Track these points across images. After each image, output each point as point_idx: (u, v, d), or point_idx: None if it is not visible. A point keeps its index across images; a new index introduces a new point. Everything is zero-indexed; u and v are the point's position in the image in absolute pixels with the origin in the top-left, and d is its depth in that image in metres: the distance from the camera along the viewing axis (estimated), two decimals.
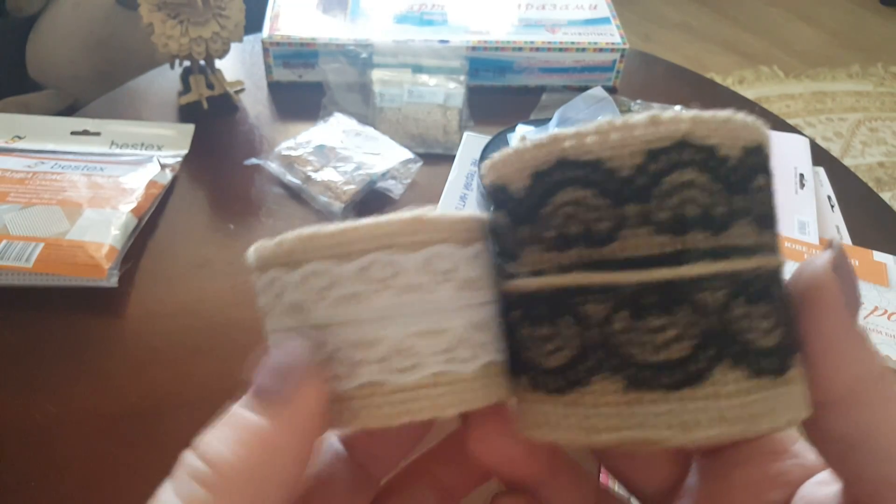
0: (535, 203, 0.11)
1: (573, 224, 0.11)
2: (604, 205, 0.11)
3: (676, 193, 0.10)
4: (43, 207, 0.37)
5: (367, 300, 0.11)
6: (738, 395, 0.11)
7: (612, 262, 0.11)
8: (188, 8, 0.42)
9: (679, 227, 0.10)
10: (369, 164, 0.42)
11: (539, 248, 0.11)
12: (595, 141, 0.11)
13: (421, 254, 0.11)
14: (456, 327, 0.12)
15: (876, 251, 0.38)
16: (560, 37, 0.50)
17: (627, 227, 0.11)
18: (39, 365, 0.32)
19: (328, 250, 0.11)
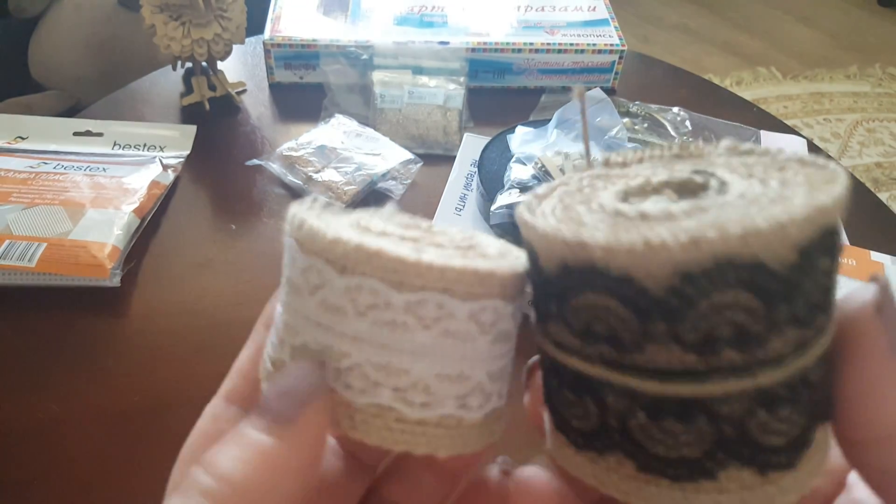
0: (564, 291, 0.11)
1: (600, 325, 0.11)
2: (631, 318, 0.10)
3: (712, 317, 0.10)
4: (46, 207, 0.37)
5: (409, 333, 0.11)
6: (742, 491, 0.11)
7: (635, 368, 0.10)
8: (190, 10, 0.42)
9: (708, 349, 0.10)
10: (370, 164, 0.42)
11: (567, 330, 0.11)
12: (627, 259, 0.10)
13: (473, 304, 0.11)
14: (477, 376, 0.12)
15: (873, 251, 0.38)
16: (559, 38, 0.51)
17: (653, 342, 0.10)
18: (42, 364, 0.32)
19: (386, 273, 0.11)
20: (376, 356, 0.11)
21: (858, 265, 0.37)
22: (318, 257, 0.12)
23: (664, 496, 0.11)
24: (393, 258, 0.11)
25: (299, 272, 0.12)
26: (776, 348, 0.10)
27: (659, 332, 0.10)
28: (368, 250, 0.11)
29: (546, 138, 0.40)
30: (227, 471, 0.11)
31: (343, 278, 0.11)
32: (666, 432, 0.11)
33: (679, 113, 0.49)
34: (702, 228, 0.09)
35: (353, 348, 0.11)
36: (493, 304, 0.12)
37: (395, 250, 0.11)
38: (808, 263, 0.10)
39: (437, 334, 0.11)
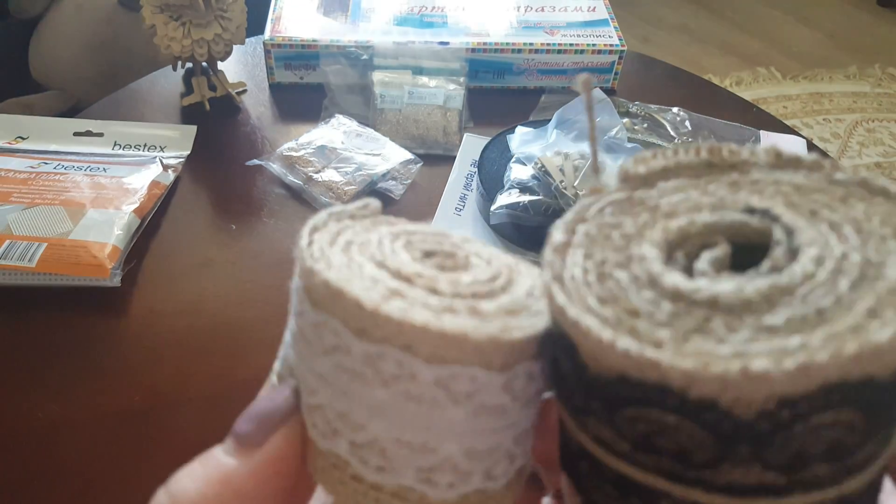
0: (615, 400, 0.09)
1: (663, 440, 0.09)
2: (708, 440, 0.09)
3: (807, 437, 0.08)
4: (46, 208, 0.37)
5: (367, 386, 0.10)
6: None
7: (703, 483, 0.09)
8: (190, 10, 0.42)
9: (798, 466, 0.09)
10: (370, 164, 0.42)
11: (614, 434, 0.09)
12: (716, 389, 0.08)
13: (440, 369, 0.10)
14: (449, 451, 0.10)
15: None
16: (559, 39, 0.51)
17: (730, 462, 0.09)
18: (43, 364, 0.32)
19: (346, 314, 0.10)
20: (337, 402, 0.11)
21: None
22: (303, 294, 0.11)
23: None
24: (351, 300, 0.10)
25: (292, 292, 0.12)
26: (867, 453, 0.09)
27: (741, 454, 0.09)
28: (332, 288, 0.10)
29: (546, 138, 0.40)
30: (185, 490, 0.11)
31: (315, 312, 0.11)
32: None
33: (679, 113, 0.49)
34: (811, 351, 0.08)
35: (320, 386, 0.11)
36: (469, 371, 0.10)
37: (357, 291, 0.10)
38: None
39: (396, 394, 0.10)
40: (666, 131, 0.48)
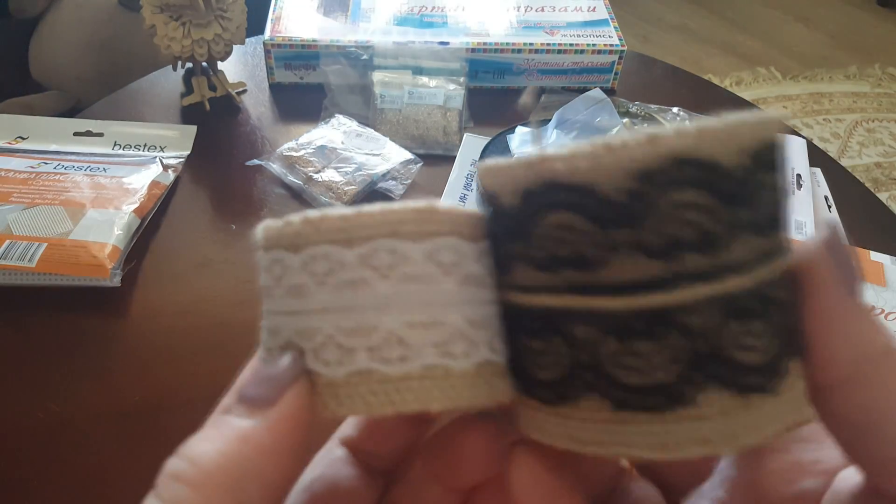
0: (526, 221, 0.11)
1: (563, 248, 0.11)
2: (594, 230, 0.10)
3: (672, 217, 0.10)
4: (46, 208, 0.37)
5: (368, 287, 0.11)
6: (723, 417, 0.10)
7: (602, 286, 0.10)
8: (190, 10, 0.42)
9: (673, 253, 0.10)
10: (370, 164, 0.42)
11: (530, 267, 0.11)
12: (587, 165, 0.10)
13: (427, 244, 0.11)
14: (454, 321, 0.11)
15: (873, 251, 0.38)
16: (559, 39, 0.51)
17: (618, 253, 0.10)
18: (43, 364, 0.32)
19: (333, 234, 0.11)
20: (344, 321, 0.11)
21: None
22: (275, 249, 0.12)
23: (643, 433, 0.10)
24: (335, 217, 0.11)
25: (266, 272, 0.12)
26: (740, 253, 0.10)
27: (622, 240, 0.10)
28: (312, 219, 0.11)
29: (546, 138, 0.40)
30: (203, 451, 0.10)
31: (298, 255, 0.11)
32: (638, 355, 0.10)
33: (679, 113, 0.49)
34: (658, 129, 0.10)
35: (321, 321, 0.11)
36: (449, 241, 0.11)
37: (338, 212, 0.11)
38: (761, 171, 0.10)
39: (396, 282, 0.11)
40: None
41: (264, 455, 0.11)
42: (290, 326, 0.12)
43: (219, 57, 0.45)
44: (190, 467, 0.10)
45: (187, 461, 0.10)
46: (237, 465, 0.10)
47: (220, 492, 0.10)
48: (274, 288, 0.12)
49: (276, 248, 0.12)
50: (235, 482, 0.10)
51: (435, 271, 0.11)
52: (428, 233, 0.11)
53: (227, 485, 0.10)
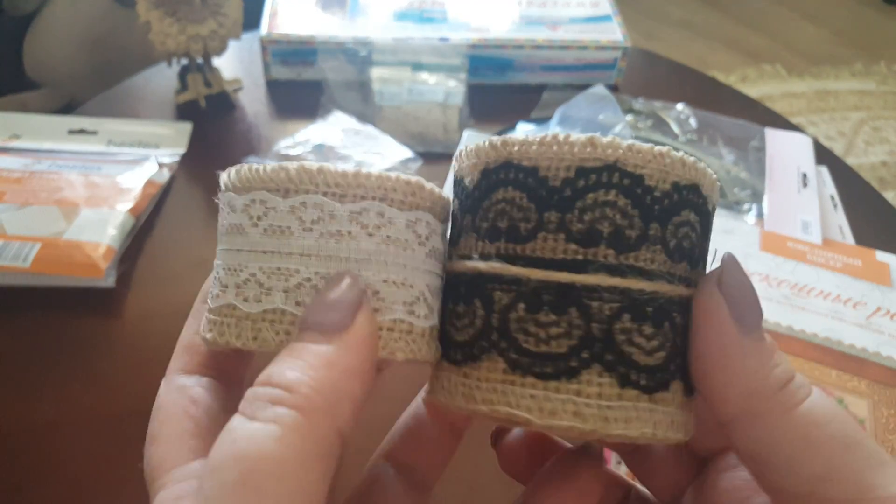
0: (480, 196, 0.13)
1: (502, 219, 0.12)
2: (531, 207, 0.12)
3: (595, 210, 0.12)
4: (40, 207, 0.37)
5: (354, 241, 0.12)
6: (599, 398, 0.12)
7: (525, 258, 0.12)
8: (186, 5, 0.42)
9: (589, 240, 0.12)
10: (369, 162, 0.42)
11: (473, 237, 0.13)
12: (537, 151, 0.12)
13: (410, 214, 0.13)
14: (420, 286, 0.13)
15: (879, 251, 0.37)
16: (561, 34, 0.50)
17: (545, 231, 0.12)
18: (37, 365, 0.32)
19: (328, 187, 0.12)
20: (325, 267, 0.12)
21: (864, 265, 0.36)
22: (259, 190, 0.12)
23: (526, 396, 0.12)
24: (336, 173, 0.12)
25: (239, 212, 0.13)
26: (646, 260, 0.12)
27: (551, 220, 0.12)
28: (311, 169, 0.12)
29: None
30: (297, 378, 0.11)
31: (287, 200, 0.12)
32: (540, 324, 0.12)
33: (683, 110, 0.48)
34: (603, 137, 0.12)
35: (301, 264, 0.12)
36: (426, 216, 0.13)
37: (336, 167, 0.12)
38: (680, 200, 0.12)
39: (379, 241, 0.12)
40: (670, 129, 0.47)
41: (351, 377, 0.11)
42: (259, 266, 0.12)
43: (214, 53, 0.45)
44: (288, 394, 0.11)
45: (283, 388, 0.11)
46: (331, 389, 0.11)
47: (321, 415, 0.11)
48: (247, 226, 0.13)
49: (259, 189, 0.13)
50: (331, 406, 0.11)
51: (412, 239, 0.13)
52: (412, 204, 0.13)
53: (325, 408, 0.11)
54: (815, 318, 0.33)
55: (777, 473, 0.11)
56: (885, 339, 0.32)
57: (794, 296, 0.34)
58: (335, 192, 0.12)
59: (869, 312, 0.33)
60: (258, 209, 0.12)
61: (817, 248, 0.37)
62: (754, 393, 0.11)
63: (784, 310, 0.33)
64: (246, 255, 0.12)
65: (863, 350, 0.31)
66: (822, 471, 0.11)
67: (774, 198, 0.41)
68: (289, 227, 0.12)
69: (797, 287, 0.34)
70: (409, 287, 0.13)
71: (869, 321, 0.33)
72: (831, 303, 0.33)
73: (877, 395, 0.30)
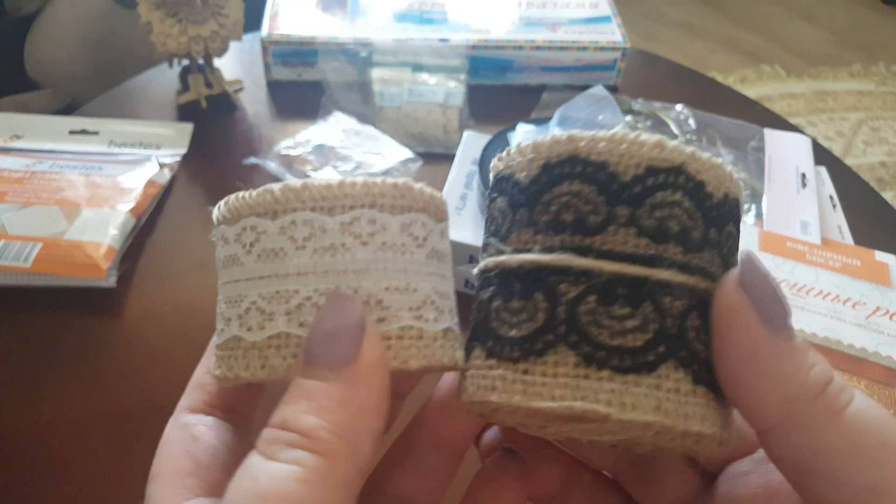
0: (539, 189, 0.13)
1: (568, 212, 0.12)
2: (600, 201, 0.12)
3: (664, 208, 0.12)
4: (41, 207, 0.37)
5: (349, 252, 0.12)
6: (678, 393, 0.12)
7: (595, 250, 0.12)
8: (187, 6, 0.42)
9: (660, 236, 0.12)
10: (369, 163, 0.42)
11: (531, 230, 0.13)
12: (606, 147, 0.12)
13: (403, 217, 0.12)
14: (424, 289, 0.12)
15: (878, 251, 0.37)
16: (561, 35, 0.50)
17: (615, 224, 0.12)
18: (37, 365, 0.32)
19: (315, 202, 0.12)
20: (323, 283, 0.12)
21: (863, 265, 0.36)
22: (248, 217, 0.12)
23: (602, 389, 0.11)
24: (321, 186, 0.12)
25: (232, 242, 0.13)
26: (709, 261, 0.12)
27: (621, 214, 0.12)
28: (295, 187, 0.12)
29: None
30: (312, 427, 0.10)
31: (276, 222, 0.12)
32: (614, 317, 0.12)
33: (682, 111, 0.48)
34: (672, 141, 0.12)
35: (300, 284, 0.12)
36: (420, 217, 0.13)
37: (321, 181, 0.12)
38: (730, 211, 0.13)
39: (375, 248, 0.12)
40: (669, 129, 0.47)
41: (368, 413, 0.11)
42: (259, 292, 0.12)
43: (215, 54, 0.45)
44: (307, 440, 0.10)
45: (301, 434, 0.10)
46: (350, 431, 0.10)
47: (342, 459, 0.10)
48: (241, 254, 0.12)
49: (247, 216, 0.12)
50: (352, 448, 0.10)
51: (409, 242, 0.12)
52: (404, 207, 0.12)
53: (345, 452, 0.10)
54: (814, 317, 0.33)
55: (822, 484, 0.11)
56: (884, 339, 0.32)
57: (793, 296, 0.34)
58: (323, 206, 0.12)
59: (868, 312, 0.33)
60: (250, 236, 0.12)
61: (816, 249, 0.37)
62: (793, 398, 0.10)
63: None
64: (244, 284, 0.12)
65: (862, 350, 0.32)
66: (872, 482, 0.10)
67: (773, 198, 0.41)
68: (282, 248, 0.12)
69: (796, 287, 0.34)
70: (414, 291, 0.12)
71: (868, 321, 0.33)
72: (830, 303, 0.34)
73: (876, 394, 0.30)
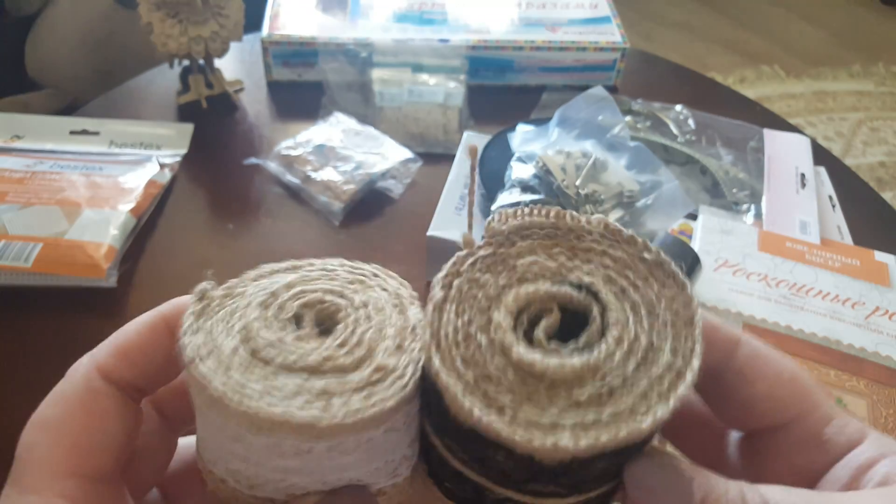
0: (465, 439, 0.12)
1: (492, 465, 0.12)
2: (524, 472, 0.12)
3: (586, 473, 0.12)
4: (42, 207, 0.37)
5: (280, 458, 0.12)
6: None
7: (517, 488, 0.12)
8: (187, 7, 0.42)
9: (579, 486, 0.13)
10: (369, 163, 0.42)
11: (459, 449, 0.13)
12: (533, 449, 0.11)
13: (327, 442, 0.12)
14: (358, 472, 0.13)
15: (877, 251, 0.37)
16: (560, 36, 0.50)
17: (536, 483, 0.12)
18: (37, 365, 0.32)
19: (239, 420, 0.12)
20: (253, 470, 0.12)
21: (862, 265, 0.36)
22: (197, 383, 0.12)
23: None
24: (235, 412, 0.12)
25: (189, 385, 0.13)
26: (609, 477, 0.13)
27: (543, 479, 0.12)
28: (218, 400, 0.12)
29: (547, 137, 0.40)
30: None
31: (211, 412, 0.12)
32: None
33: (682, 111, 0.48)
34: (599, 430, 0.11)
35: (234, 458, 0.13)
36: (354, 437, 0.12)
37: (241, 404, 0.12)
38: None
39: (305, 460, 0.12)
40: (669, 130, 0.47)
41: None
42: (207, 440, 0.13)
43: (216, 54, 0.45)
44: None
45: None
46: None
47: None
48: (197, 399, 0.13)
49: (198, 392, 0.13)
50: None
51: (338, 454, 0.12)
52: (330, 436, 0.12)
53: None
54: (813, 317, 0.33)
55: None
56: (883, 339, 0.32)
57: (792, 296, 0.34)
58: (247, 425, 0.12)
59: (867, 312, 0.33)
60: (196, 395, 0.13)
61: (816, 249, 0.37)
62: None
63: (783, 309, 0.33)
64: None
65: (861, 350, 0.32)
66: None
67: (773, 198, 0.41)
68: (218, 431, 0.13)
69: (796, 287, 0.34)
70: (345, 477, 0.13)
71: (867, 321, 0.33)
72: (830, 303, 0.34)
73: (875, 394, 0.30)
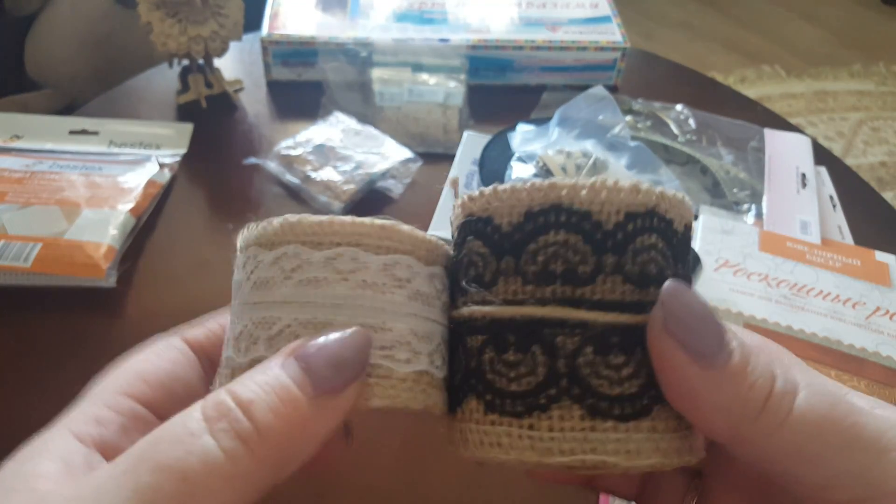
0: (524, 238, 0.13)
1: (557, 263, 0.12)
2: (587, 250, 0.12)
3: (644, 252, 0.12)
4: (41, 207, 0.37)
5: (327, 287, 0.12)
6: (671, 432, 0.12)
7: (587, 301, 0.12)
8: (187, 6, 0.42)
9: (642, 281, 0.12)
10: (369, 163, 0.42)
11: (519, 280, 0.13)
12: (588, 195, 0.12)
13: (384, 258, 0.13)
14: (399, 329, 0.13)
15: (878, 251, 0.37)
16: (561, 35, 0.50)
17: (604, 274, 0.12)
18: (37, 365, 0.32)
19: (306, 237, 0.13)
20: (301, 314, 0.12)
21: (863, 265, 0.36)
22: (253, 247, 0.13)
23: (609, 440, 0.12)
24: (311, 223, 0.13)
25: (240, 269, 0.14)
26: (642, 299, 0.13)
27: (608, 263, 0.12)
28: (290, 221, 0.13)
29: (547, 137, 0.40)
30: (265, 419, 0.11)
31: (271, 252, 0.13)
32: (611, 366, 0.12)
33: (682, 111, 0.48)
34: (646, 184, 0.12)
35: (282, 312, 0.13)
36: (405, 259, 0.13)
37: (314, 217, 0.13)
38: (687, 243, 0.13)
39: (354, 285, 0.13)
40: (669, 129, 0.47)
41: (313, 440, 0.11)
42: (250, 317, 0.13)
43: (215, 54, 0.45)
44: (252, 429, 0.11)
45: (252, 426, 0.11)
46: (290, 443, 0.11)
47: (267, 466, 0.11)
48: (244, 281, 0.13)
49: (253, 245, 0.13)
50: (282, 461, 0.11)
51: (388, 282, 0.13)
52: (388, 248, 0.13)
53: (274, 460, 0.11)
54: (814, 317, 0.33)
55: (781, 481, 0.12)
56: (884, 339, 0.32)
57: (793, 296, 0.34)
58: (312, 241, 0.13)
59: (868, 312, 0.33)
60: (251, 264, 0.13)
61: (816, 249, 0.37)
62: (737, 422, 0.11)
63: (783, 310, 0.33)
64: (240, 307, 0.13)
65: (862, 350, 0.32)
66: (822, 481, 0.11)
67: (773, 198, 0.41)
68: (272, 277, 0.13)
69: (796, 287, 0.34)
70: (387, 330, 0.12)
71: (868, 321, 0.33)
72: (830, 303, 0.34)
73: (876, 394, 0.30)
